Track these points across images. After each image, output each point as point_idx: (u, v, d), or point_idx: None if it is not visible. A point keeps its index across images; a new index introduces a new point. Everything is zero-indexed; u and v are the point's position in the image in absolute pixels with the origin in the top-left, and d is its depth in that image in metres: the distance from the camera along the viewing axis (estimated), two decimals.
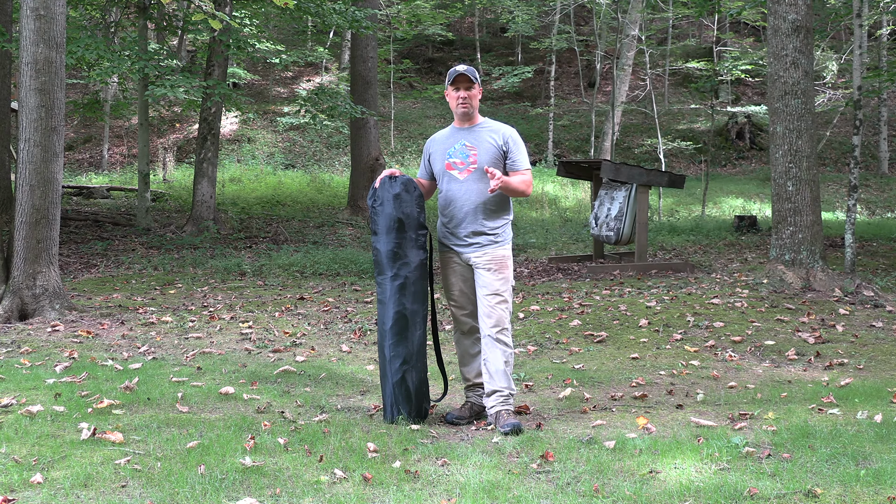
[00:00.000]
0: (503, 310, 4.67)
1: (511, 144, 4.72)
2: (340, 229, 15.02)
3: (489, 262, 4.67)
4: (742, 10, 15.92)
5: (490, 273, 4.67)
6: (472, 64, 29.21)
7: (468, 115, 4.75)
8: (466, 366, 4.88)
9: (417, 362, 4.66)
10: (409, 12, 25.49)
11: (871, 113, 23.17)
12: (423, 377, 4.71)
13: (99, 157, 22.47)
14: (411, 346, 4.64)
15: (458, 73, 4.70)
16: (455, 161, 4.73)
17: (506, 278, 4.69)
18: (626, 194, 10.48)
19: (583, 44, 27.28)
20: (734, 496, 3.55)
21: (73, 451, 4.04)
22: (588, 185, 17.29)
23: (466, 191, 4.68)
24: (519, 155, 4.73)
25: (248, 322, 7.67)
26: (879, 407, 4.97)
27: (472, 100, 4.74)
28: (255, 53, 16.62)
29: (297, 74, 28.22)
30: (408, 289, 4.64)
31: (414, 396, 4.65)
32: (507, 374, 4.69)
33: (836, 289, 8.43)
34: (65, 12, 7.86)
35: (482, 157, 4.68)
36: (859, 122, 9.65)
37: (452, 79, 4.72)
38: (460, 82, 4.71)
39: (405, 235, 4.65)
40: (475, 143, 4.71)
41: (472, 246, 4.71)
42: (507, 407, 4.68)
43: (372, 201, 4.72)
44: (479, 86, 4.78)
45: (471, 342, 4.85)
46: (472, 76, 4.72)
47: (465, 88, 4.72)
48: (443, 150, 4.80)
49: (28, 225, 7.58)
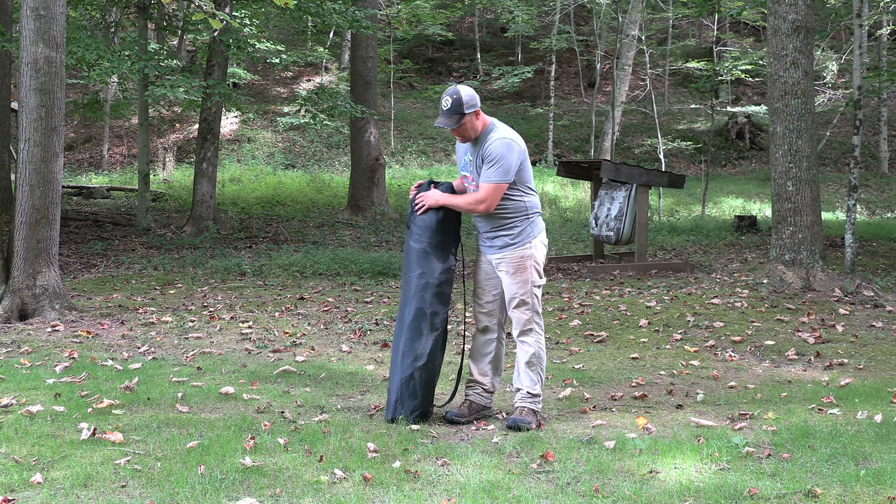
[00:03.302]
0: (523, 312, 4.69)
1: (484, 160, 4.62)
2: (340, 229, 15.02)
3: (506, 264, 4.70)
4: (742, 10, 15.93)
5: (508, 276, 4.70)
6: (471, 64, 29.26)
7: (469, 139, 4.69)
8: (474, 362, 4.88)
9: (429, 363, 4.65)
10: (409, 12, 25.49)
11: (871, 113, 23.17)
12: (432, 379, 4.71)
13: (99, 157, 22.48)
14: (425, 345, 4.64)
15: (437, 122, 4.63)
16: (466, 175, 4.79)
17: (524, 280, 4.68)
18: (626, 194, 10.48)
19: (583, 44, 27.28)
20: (734, 496, 3.55)
21: (73, 451, 4.04)
22: (588, 185, 17.28)
23: None
24: (485, 168, 4.61)
25: (248, 322, 7.67)
26: (879, 407, 4.97)
27: (467, 131, 4.64)
28: (255, 53, 16.60)
29: (297, 74, 28.22)
30: (431, 288, 4.66)
31: (421, 395, 4.64)
32: (529, 374, 4.71)
33: (836, 289, 8.43)
34: (65, 12, 7.85)
35: (477, 176, 4.71)
36: (859, 122, 9.65)
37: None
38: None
39: (439, 239, 4.70)
40: (475, 159, 4.73)
41: (492, 248, 4.76)
42: (524, 404, 4.70)
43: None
44: (467, 114, 4.57)
45: (483, 340, 4.85)
46: (452, 124, 4.57)
47: (456, 129, 4.63)
48: (459, 160, 4.86)
49: (28, 225, 7.58)
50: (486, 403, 4.86)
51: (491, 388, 4.86)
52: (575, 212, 17.43)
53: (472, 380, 4.87)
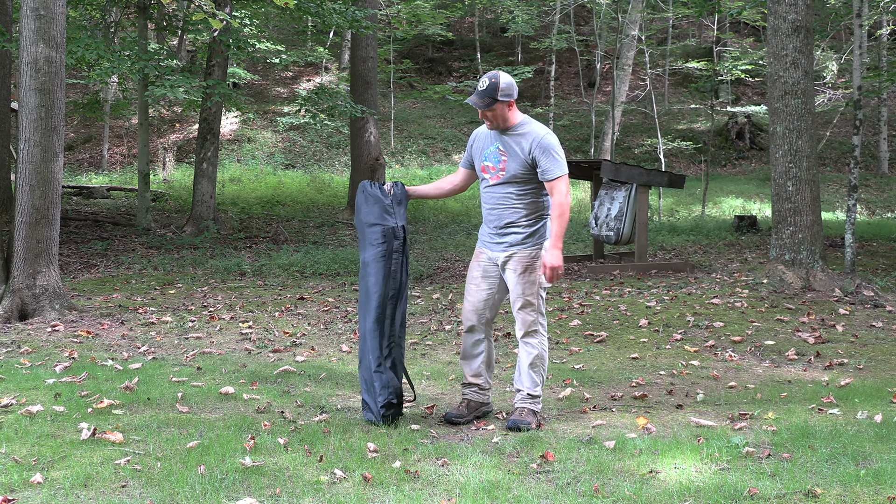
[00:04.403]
0: (528, 313, 4.65)
1: (538, 153, 4.54)
2: (340, 229, 15.02)
3: (515, 262, 4.64)
4: (742, 10, 15.93)
5: (516, 275, 4.64)
6: (471, 64, 29.25)
7: (496, 127, 4.64)
8: (466, 364, 4.85)
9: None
10: (409, 12, 25.48)
11: (871, 113, 23.17)
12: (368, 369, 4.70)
13: (99, 157, 22.48)
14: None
15: (469, 99, 4.60)
16: (488, 165, 4.67)
17: (532, 281, 4.63)
18: (626, 194, 10.48)
19: (583, 44, 27.27)
20: (734, 496, 3.55)
21: (73, 451, 4.04)
22: (588, 185, 17.29)
23: (496, 196, 4.66)
24: (548, 163, 4.54)
25: (248, 322, 7.67)
26: (879, 407, 4.97)
27: (496, 118, 4.59)
28: (255, 53, 16.62)
29: (297, 74, 28.22)
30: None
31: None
32: (531, 375, 4.68)
33: (836, 289, 8.43)
34: (65, 12, 7.85)
35: (510, 166, 4.59)
36: (859, 122, 9.65)
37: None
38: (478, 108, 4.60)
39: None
40: (507, 149, 4.61)
41: (500, 245, 4.68)
42: (525, 405, 4.68)
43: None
44: (500, 101, 4.54)
45: (472, 341, 4.81)
46: (482, 105, 4.53)
47: (485, 111, 4.59)
48: (480, 150, 4.73)
49: (28, 225, 7.58)
50: (485, 400, 4.85)
51: (486, 386, 4.84)
52: (575, 212, 17.42)
53: (467, 381, 4.85)
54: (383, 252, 4.60)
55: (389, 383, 4.59)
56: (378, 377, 4.57)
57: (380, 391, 4.57)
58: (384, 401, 4.57)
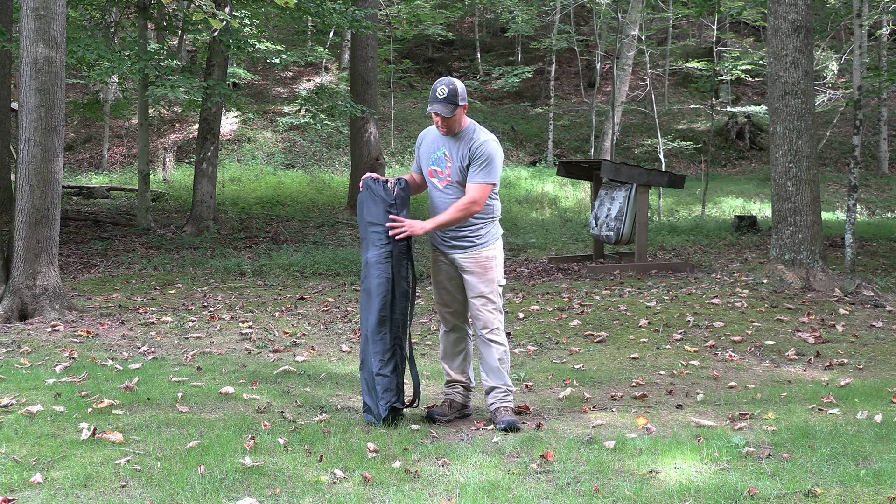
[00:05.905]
0: (489, 311, 4.70)
1: (474, 157, 4.60)
2: (340, 229, 15.02)
3: (472, 264, 4.70)
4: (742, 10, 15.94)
5: (473, 276, 4.70)
6: (471, 64, 29.25)
7: (451, 132, 4.67)
8: (448, 361, 4.91)
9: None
10: (409, 12, 25.47)
11: (871, 113, 23.16)
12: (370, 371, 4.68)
13: (99, 157, 22.47)
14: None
15: (432, 108, 4.57)
16: (436, 169, 4.73)
17: (490, 279, 4.70)
18: (626, 194, 10.48)
19: (583, 44, 27.27)
20: (734, 496, 3.55)
21: (73, 451, 4.04)
22: (588, 185, 17.27)
23: (446, 200, 4.69)
24: (477, 169, 4.60)
25: (248, 322, 7.67)
26: (879, 407, 4.97)
27: (454, 123, 4.62)
28: (255, 53, 16.59)
29: (297, 74, 28.21)
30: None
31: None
32: (502, 371, 4.72)
33: (836, 289, 8.43)
34: (65, 12, 7.85)
35: (453, 172, 4.67)
36: (859, 122, 9.65)
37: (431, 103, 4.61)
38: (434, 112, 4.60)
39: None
40: (451, 155, 4.68)
41: (455, 248, 4.73)
42: (505, 404, 4.71)
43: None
44: (460, 105, 4.56)
45: (453, 339, 4.89)
46: (447, 112, 4.54)
47: (446, 118, 4.59)
48: (427, 155, 4.78)
49: (28, 225, 7.58)
50: (467, 402, 4.91)
51: (469, 384, 4.90)
52: (575, 212, 17.43)
53: (450, 380, 4.90)
54: (386, 254, 4.60)
55: (391, 386, 4.58)
56: (380, 380, 4.56)
57: (381, 394, 4.56)
58: (386, 404, 4.56)
